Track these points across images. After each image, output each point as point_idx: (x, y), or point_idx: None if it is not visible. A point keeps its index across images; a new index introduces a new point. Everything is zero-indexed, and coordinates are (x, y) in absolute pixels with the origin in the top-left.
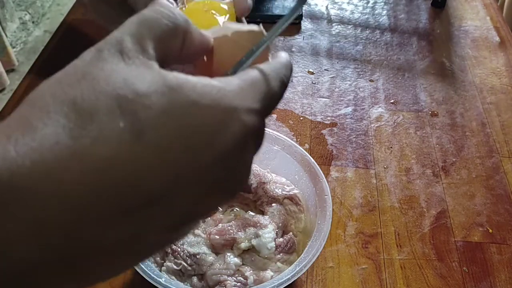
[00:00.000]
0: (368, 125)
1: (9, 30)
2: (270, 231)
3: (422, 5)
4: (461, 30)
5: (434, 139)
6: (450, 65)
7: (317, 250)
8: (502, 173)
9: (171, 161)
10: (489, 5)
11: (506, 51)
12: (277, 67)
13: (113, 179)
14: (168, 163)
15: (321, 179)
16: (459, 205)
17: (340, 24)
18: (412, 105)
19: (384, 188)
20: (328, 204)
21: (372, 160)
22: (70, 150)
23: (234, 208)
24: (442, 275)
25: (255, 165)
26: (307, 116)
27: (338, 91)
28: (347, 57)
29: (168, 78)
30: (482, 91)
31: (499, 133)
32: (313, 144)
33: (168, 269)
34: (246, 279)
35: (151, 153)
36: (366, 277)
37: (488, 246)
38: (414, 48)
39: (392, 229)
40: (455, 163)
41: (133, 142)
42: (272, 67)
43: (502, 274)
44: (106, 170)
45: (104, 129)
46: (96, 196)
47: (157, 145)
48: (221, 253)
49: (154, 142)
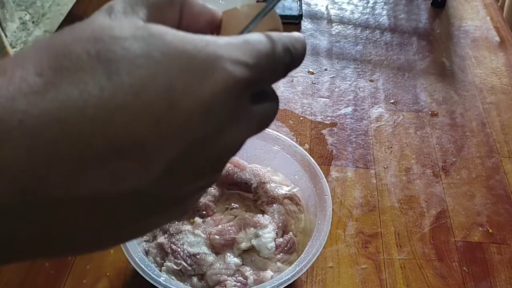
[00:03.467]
0: (368, 125)
1: (9, 30)
2: (270, 231)
3: (422, 5)
4: (461, 30)
5: (434, 139)
6: (450, 65)
7: (317, 250)
8: (502, 173)
9: (147, 104)
10: (489, 5)
11: (506, 51)
12: (286, 35)
13: (82, 122)
14: (144, 105)
15: (321, 179)
16: (459, 205)
17: (340, 24)
18: (412, 105)
19: (384, 188)
20: (328, 204)
21: (372, 160)
22: (40, 92)
23: (234, 208)
24: (442, 275)
25: (255, 165)
26: (307, 116)
27: (338, 91)
28: (347, 57)
29: (150, 26)
30: (482, 91)
31: (499, 133)
32: (313, 144)
33: (168, 269)
34: (246, 279)
35: (122, 93)
36: (366, 277)
37: (488, 246)
38: (414, 48)
39: (392, 229)
40: (455, 163)
41: (106, 83)
42: (279, 35)
43: (502, 274)
44: (76, 112)
45: (78, 70)
46: (66, 139)
47: (129, 85)
48: (221, 253)
49: (127, 82)
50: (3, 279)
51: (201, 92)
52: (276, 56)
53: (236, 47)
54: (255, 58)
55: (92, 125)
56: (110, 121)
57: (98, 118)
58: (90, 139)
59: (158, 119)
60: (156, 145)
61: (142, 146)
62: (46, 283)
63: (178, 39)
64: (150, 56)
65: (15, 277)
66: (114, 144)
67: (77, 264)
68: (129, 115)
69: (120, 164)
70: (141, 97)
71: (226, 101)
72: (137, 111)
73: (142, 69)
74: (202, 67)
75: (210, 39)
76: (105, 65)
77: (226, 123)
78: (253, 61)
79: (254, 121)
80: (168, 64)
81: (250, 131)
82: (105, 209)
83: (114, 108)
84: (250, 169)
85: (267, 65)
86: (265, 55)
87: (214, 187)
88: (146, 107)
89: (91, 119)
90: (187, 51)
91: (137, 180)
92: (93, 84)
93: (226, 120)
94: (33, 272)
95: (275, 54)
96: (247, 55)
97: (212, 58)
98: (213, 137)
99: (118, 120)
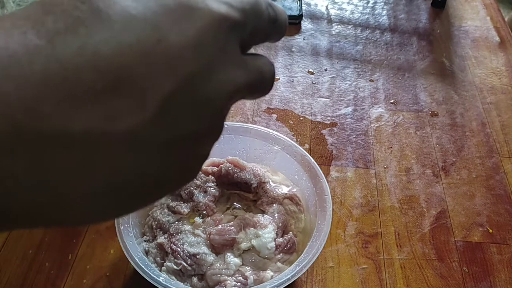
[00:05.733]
0: (368, 125)
1: None
2: (270, 231)
3: (422, 5)
4: (461, 30)
5: (434, 139)
6: (450, 65)
7: (317, 250)
8: (502, 173)
9: (134, 38)
10: (489, 5)
11: (506, 51)
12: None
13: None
14: (131, 39)
15: (321, 179)
16: (459, 205)
17: (340, 24)
18: (412, 105)
19: (384, 188)
20: (328, 204)
21: (372, 160)
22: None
23: (236, 208)
24: (442, 275)
25: (255, 165)
26: (307, 116)
27: (338, 91)
28: (347, 57)
29: None
30: (482, 91)
31: (499, 133)
32: (313, 144)
33: (168, 269)
34: (246, 279)
35: (111, 29)
36: (366, 277)
37: (488, 246)
38: (414, 48)
39: (392, 229)
40: (455, 163)
41: (92, 20)
42: None
43: (502, 274)
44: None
45: (65, 11)
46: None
47: (117, 21)
48: (221, 253)
49: (114, 20)
50: (3, 279)
51: (188, 28)
52: (259, 4)
53: None
54: (239, 1)
55: (80, 58)
56: (98, 54)
57: (86, 52)
58: (79, 72)
59: (147, 52)
60: (147, 80)
61: (134, 79)
62: (46, 283)
63: None
64: None
65: (15, 277)
66: (104, 77)
67: (77, 264)
68: (116, 47)
69: (114, 100)
70: (128, 31)
71: (215, 36)
72: (124, 44)
73: (126, 7)
74: (187, 6)
75: None
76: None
77: (218, 59)
78: (237, 3)
79: (249, 67)
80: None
81: (246, 76)
82: (102, 154)
83: (102, 42)
84: (250, 169)
85: (251, 10)
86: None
87: (214, 187)
88: (133, 41)
89: (79, 53)
90: None
91: (132, 118)
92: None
93: (217, 56)
94: (33, 272)
95: (258, 2)
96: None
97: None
98: (205, 72)
99: (106, 52)
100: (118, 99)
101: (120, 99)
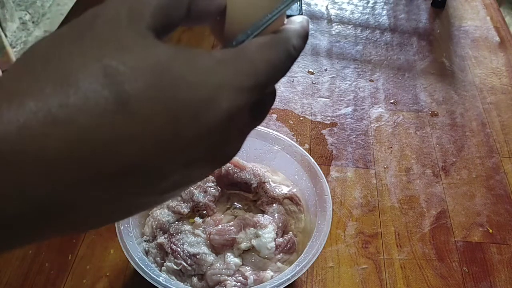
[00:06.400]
0: (368, 125)
1: (9, 30)
2: (270, 231)
3: (422, 5)
4: (461, 30)
5: (434, 139)
6: (450, 65)
7: (317, 250)
8: (502, 173)
9: (153, 132)
10: (489, 5)
11: (506, 51)
12: (288, 36)
13: (92, 146)
14: (150, 133)
15: (321, 179)
16: (459, 205)
17: (340, 24)
18: (412, 105)
19: (384, 188)
20: (328, 204)
21: (372, 160)
22: (54, 117)
23: (237, 208)
24: (442, 275)
25: (255, 165)
26: (307, 116)
27: (338, 91)
28: (347, 57)
29: (159, 50)
30: (482, 91)
31: (499, 133)
32: (313, 144)
33: (168, 269)
34: (246, 279)
35: (133, 123)
36: (366, 277)
37: (488, 246)
38: (414, 48)
39: (392, 229)
40: (455, 163)
41: (116, 112)
42: (280, 38)
43: (502, 274)
44: (87, 138)
45: (89, 98)
46: (75, 162)
47: (139, 116)
48: (221, 253)
49: (137, 113)
50: (3, 279)
51: (205, 120)
52: (278, 66)
53: (239, 70)
54: (257, 78)
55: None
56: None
57: (108, 147)
58: (100, 164)
59: (159, 145)
60: (159, 169)
61: (147, 172)
62: (46, 284)
63: (186, 68)
64: (158, 89)
65: (15, 278)
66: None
67: (77, 264)
68: (135, 143)
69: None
70: (148, 129)
71: (228, 125)
72: (143, 140)
73: (150, 102)
74: (208, 96)
75: (214, 64)
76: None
77: (226, 139)
78: (255, 82)
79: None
80: (175, 97)
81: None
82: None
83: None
84: (250, 169)
85: (269, 80)
86: (266, 72)
87: (214, 187)
88: (150, 136)
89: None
90: (194, 82)
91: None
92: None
93: (226, 138)
94: (33, 272)
95: (276, 66)
96: (251, 78)
97: (218, 89)
98: (213, 151)
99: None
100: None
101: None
